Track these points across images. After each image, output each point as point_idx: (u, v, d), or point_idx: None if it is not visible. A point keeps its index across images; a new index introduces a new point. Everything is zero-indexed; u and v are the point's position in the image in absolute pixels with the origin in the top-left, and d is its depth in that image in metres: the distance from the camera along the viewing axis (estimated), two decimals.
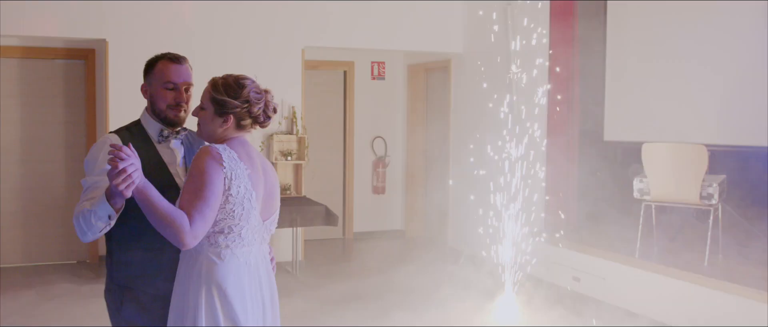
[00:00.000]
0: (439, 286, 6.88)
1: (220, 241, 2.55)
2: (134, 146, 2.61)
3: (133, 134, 2.77)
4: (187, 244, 2.41)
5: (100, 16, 6.98)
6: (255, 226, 2.61)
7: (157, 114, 2.78)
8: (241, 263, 2.59)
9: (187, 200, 2.45)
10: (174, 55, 2.82)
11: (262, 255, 2.70)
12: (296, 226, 7.15)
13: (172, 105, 2.76)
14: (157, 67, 2.78)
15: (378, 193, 9.54)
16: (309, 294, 6.65)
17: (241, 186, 2.52)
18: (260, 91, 2.63)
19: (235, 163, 2.53)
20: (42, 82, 7.65)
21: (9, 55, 7.48)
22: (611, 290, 6.22)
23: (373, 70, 9.49)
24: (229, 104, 2.57)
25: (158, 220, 2.37)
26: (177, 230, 2.37)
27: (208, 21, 7.37)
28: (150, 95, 2.80)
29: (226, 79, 2.62)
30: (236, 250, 2.58)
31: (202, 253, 2.56)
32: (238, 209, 2.53)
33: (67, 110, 7.73)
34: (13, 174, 7.58)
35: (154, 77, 2.78)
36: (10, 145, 7.56)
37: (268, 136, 7.67)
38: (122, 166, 2.26)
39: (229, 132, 2.62)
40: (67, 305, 6.26)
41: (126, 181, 2.28)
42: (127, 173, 2.28)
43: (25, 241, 7.67)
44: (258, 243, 2.66)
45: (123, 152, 2.28)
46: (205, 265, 2.55)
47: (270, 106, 2.64)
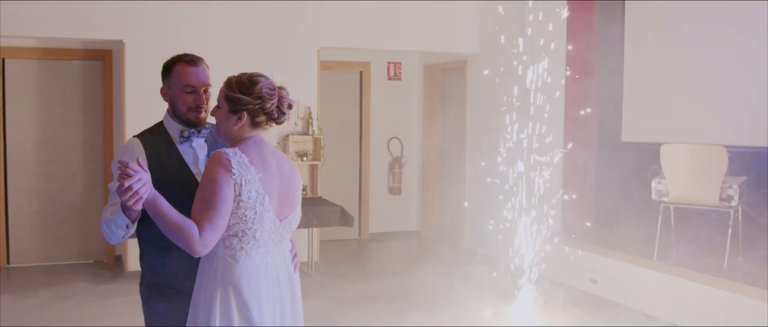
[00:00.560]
0: (455, 286, 6.84)
1: (234, 243, 2.57)
2: (156, 148, 2.72)
3: (155, 136, 2.81)
4: (198, 253, 2.45)
5: (117, 18, 7.01)
6: (270, 227, 2.61)
7: (179, 116, 2.81)
8: (257, 264, 2.60)
9: (197, 209, 2.48)
10: (191, 57, 2.83)
11: (281, 253, 2.70)
12: (312, 226, 7.14)
13: (192, 107, 2.79)
14: (175, 70, 2.80)
15: (394, 193, 9.52)
16: (325, 294, 6.64)
17: (251, 191, 2.53)
18: (274, 88, 2.62)
19: (246, 168, 2.53)
20: (60, 83, 7.70)
21: (28, 56, 7.54)
22: (629, 293, 6.16)
23: (389, 71, 9.47)
24: (241, 101, 2.58)
25: (169, 230, 2.42)
26: (187, 240, 2.42)
27: (224, 22, 7.38)
28: (170, 98, 2.82)
29: (239, 77, 2.64)
30: (251, 252, 2.59)
31: (218, 254, 2.59)
32: (250, 213, 2.54)
33: (85, 111, 7.78)
34: (31, 174, 7.63)
35: (172, 80, 2.80)
36: (28, 145, 7.61)
37: (283, 136, 7.68)
38: (128, 184, 2.31)
39: (245, 130, 2.63)
40: (84, 304, 6.29)
41: (133, 197, 2.34)
42: (134, 190, 2.33)
43: (42, 241, 7.72)
44: (275, 242, 2.67)
45: (130, 168, 2.33)
46: (221, 266, 2.58)
47: (284, 103, 2.63)
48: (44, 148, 7.65)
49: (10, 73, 7.52)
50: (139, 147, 2.73)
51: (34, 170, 7.63)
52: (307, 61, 7.72)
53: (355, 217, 7.57)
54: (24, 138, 7.59)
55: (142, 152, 2.72)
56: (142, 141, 2.77)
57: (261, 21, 7.52)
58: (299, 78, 7.68)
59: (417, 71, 9.61)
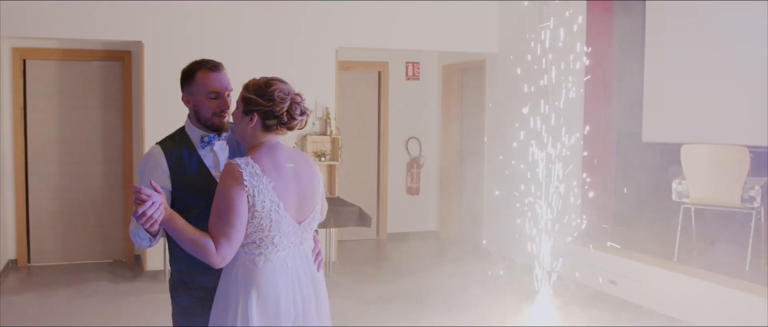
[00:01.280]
0: (473, 287, 6.83)
1: (253, 250, 2.62)
2: (179, 155, 2.76)
3: (176, 142, 2.85)
4: (217, 266, 2.54)
5: (136, 19, 7.05)
6: (288, 231, 2.64)
7: (203, 122, 2.84)
8: (277, 267, 2.64)
9: (213, 224, 2.55)
10: (213, 63, 2.85)
11: (302, 255, 2.72)
12: (329, 227, 7.14)
13: (217, 112, 2.82)
14: (198, 76, 2.82)
15: (412, 194, 9.51)
16: (342, 294, 6.64)
17: (265, 200, 2.56)
18: (287, 93, 2.62)
19: (258, 178, 2.56)
20: (80, 84, 7.76)
21: (48, 57, 7.61)
22: (648, 294, 6.11)
23: (408, 71, 9.46)
24: (253, 102, 2.61)
25: (187, 245, 2.52)
26: (205, 254, 2.52)
27: (242, 23, 7.40)
28: (193, 104, 2.84)
29: (257, 80, 2.67)
30: (271, 256, 2.63)
31: (239, 259, 2.64)
32: (266, 222, 2.58)
33: (105, 111, 7.84)
34: (52, 174, 7.70)
35: (195, 87, 2.82)
36: (49, 145, 7.68)
37: (301, 137, 7.68)
38: (142, 210, 2.40)
39: (257, 133, 2.65)
40: (103, 303, 6.34)
41: (148, 221, 2.43)
42: (148, 215, 2.41)
43: (63, 240, 7.79)
44: (295, 245, 2.69)
45: (143, 194, 2.40)
46: (241, 271, 2.63)
47: (296, 109, 2.63)
48: (64, 148, 7.71)
49: (31, 74, 7.60)
50: (160, 155, 2.78)
51: (55, 170, 7.70)
52: (325, 62, 7.72)
53: (372, 218, 7.56)
54: (45, 138, 7.66)
55: (163, 160, 2.77)
56: (163, 148, 2.81)
57: (279, 22, 7.53)
58: (317, 78, 7.69)
59: (435, 71, 9.58)
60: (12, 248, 7.61)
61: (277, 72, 7.91)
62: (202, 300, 2.80)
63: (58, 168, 7.71)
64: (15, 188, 7.54)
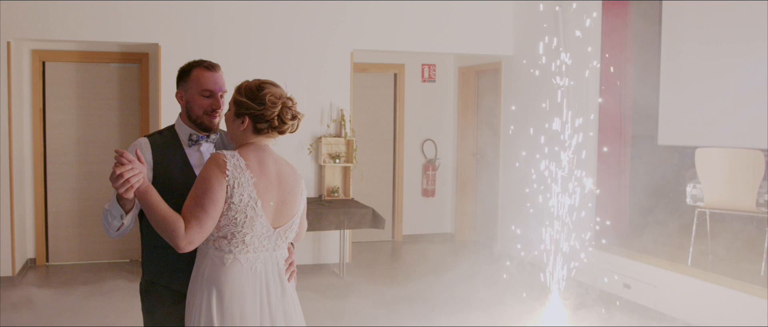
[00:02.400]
0: (487, 289, 6.83)
1: (223, 245, 2.60)
2: (165, 149, 2.78)
3: (164, 137, 2.88)
4: (182, 248, 2.50)
5: (152, 22, 7.13)
6: (262, 233, 2.63)
7: (194, 120, 2.86)
8: (245, 269, 2.62)
9: (187, 206, 2.54)
10: (209, 63, 2.88)
11: (274, 262, 2.70)
12: (343, 228, 7.17)
13: (207, 111, 2.84)
14: (193, 74, 2.85)
15: (428, 196, 9.51)
16: (354, 295, 6.67)
17: (244, 194, 2.55)
18: (278, 97, 2.62)
19: (240, 171, 2.56)
20: (98, 85, 7.85)
21: (67, 59, 7.71)
22: (663, 298, 6.06)
23: (424, 73, 9.47)
24: (244, 105, 2.62)
25: (157, 222, 2.50)
26: (172, 234, 2.48)
27: (257, 25, 7.45)
28: (186, 101, 2.88)
29: (249, 83, 2.67)
30: (240, 256, 2.61)
31: (208, 255, 2.63)
32: (241, 217, 2.56)
33: (122, 112, 7.93)
34: (70, 174, 7.80)
35: (190, 84, 2.86)
36: (67, 146, 7.78)
37: (316, 138, 7.71)
38: (120, 172, 2.41)
39: (248, 135, 2.66)
40: (116, 301, 6.43)
41: (124, 185, 2.45)
42: (125, 178, 2.42)
43: (80, 240, 7.88)
44: (269, 250, 2.68)
45: (124, 157, 2.43)
46: (209, 268, 2.62)
47: (287, 113, 2.63)
48: (82, 148, 7.81)
49: (50, 76, 7.70)
50: (146, 146, 2.80)
51: (73, 171, 7.80)
52: (340, 64, 7.75)
53: (386, 220, 7.57)
54: (63, 139, 7.76)
55: (148, 151, 2.79)
56: (150, 141, 2.83)
57: (294, 24, 7.57)
58: (332, 80, 7.72)
59: (451, 73, 9.58)
60: (31, 247, 7.72)
61: (292, 74, 7.99)
62: (167, 303, 2.79)
63: (76, 168, 7.80)
64: (34, 188, 7.65)
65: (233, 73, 3.44)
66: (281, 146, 7.24)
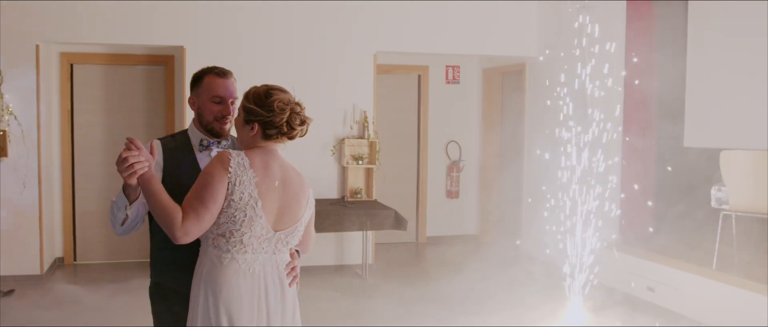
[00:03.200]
0: (509, 290, 6.81)
1: (221, 244, 2.62)
2: (176, 152, 2.84)
3: (177, 141, 2.93)
4: (178, 239, 2.53)
5: (178, 25, 7.23)
6: (261, 234, 2.64)
7: (205, 125, 2.92)
8: (243, 269, 2.63)
9: (187, 198, 2.57)
10: (220, 69, 2.93)
11: (273, 264, 2.71)
12: (366, 229, 7.19)
13: (218, 117, 2.89)
14: (205, 81, 2.90)
15: (452, 197, 9.50)
16: (377, 296, 6.69)
17: (244, 193, 2.57)
18: (286, 103, 2.64)
19: (243, 169, 2.59)
20: (124, 88, 7.97)
21: (94, 61, 7.83)
22: (687, 302, 6.00)
23: (448, 74, 9.46)
24: (253, 112, 2.64)
25: (156, 211, 2.54)
26: (169, 224, 2.52)
27: (281, 27, 7.51)
28: (197, 107, 2.93)
29: (257, 89, 2.68)
30: (237, 256, 2.63)
31: (207, 254, 2.66)
32: (240, 215, 2.58)
33: (148, 114, 8.03)
34: (96, 175, 7.92)
35: (201, 90, 2.91)
36: (95, 147, 7.91)
37: (339, 140, 7.75)
38: (125, 156, 2.49)
39: (257, 141, 2.68)
40: (142, 299, 6.47)
41: (128, 170, 2.50)
42: (130, 163, 2.49)
43: (107, 239, 8.01)
44: (268, 252, 2.69)
45: (134, 144, 2.52)
46: (207, 267, 2.65)
47: (296, 119, 2.65)
48: (109, 149, 7.93)
49: (78, 78, 7.83)
50: (158, 149, 2.85)
51: (100, 171, 7.92)
52: (363, 66, 7.78)
53: (408, 221, 7.58)
54: (91, 140, 7.89)
55: (160, 154, 2.84)
56: (162, 143, 2.89)
57: (318, 26, 7.62)
58: (355, 82, 7.75)
59: (476, 75, 9.56)
60: (59, 246, 7.86)
61: (315, 76, 8.02)
62: (173, 304, 2.82)
63: (104, 169, 7.92)
64: (62, 188, 7.79)
65: (256, 76, 3.49)
66: (303, 148, 7.33)
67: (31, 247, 7.09)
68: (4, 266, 7.02)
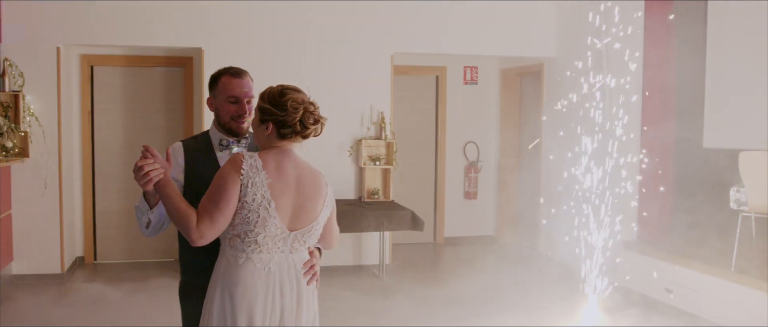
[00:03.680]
0: (526, 292, 6.79)
1: (237, 244, 2.67)
2: (197, 153, 2.90)
3: (198, 142, 2.99)
4: (194, 241, 2.59)
5: (196, 27, 7.29)
6: (275, 234, 2.67)
7: (223, 125, 2.97)
8: (258, 269, 2.67)
9: (202, 201, 2.63)
10: (235, 69, 2.97)
11: (289, 264, 2.73)
12: (383, 230, 7.20)
13: (234, 116, 2.93)
14: (221, 81, 2.96)
15: (470, 198, 9.48)
16: (392, 296, 6.71)
17: (257, 194, 2.61)
18: (300, 102, 2.66)
19: (256, 171, 2.62)
20: (144, 89, 8.05)
21: (114, 63, 7.92)
22: (705, 304, 5.95)
23: (466, 75, 9.45)
24: (267, 111, 2.68)
25: (172, 215, 2.62)
26: (185, 227, 2.59)
27: (298, 29, 7.54)
28: (215, 108, 2.98)
29: (272, 89, 2.72)
30: (253, 256, 2.66)
31: (225, 253, 2.71)
32: (253, 216, 2.62)
33: (167, 115, 8.11)
34: (116, 176, 8.01)
35: (218, 91, 2.96)
36: (114, 148, 7.99)
37: (356, 141, 7.77)
38: (140, 164, 2.58)
39: (273, 140, 2.72)
40: (161, 297, 6.63)
41: (144, 178, 2.59)
42: (145, 171, 2.57)
43: (127, 239, 8.09)
44: (284, 252, 2.72)
45: (149, 152, 2.59)
46: (223, 266, 2.70)
47: (309, 118, 2.68)
48: (129, 150, 8.01)
49: (98, 80, 7.92)
50: (179, 150, 2.93)
51: (120, 172, 8.00)
52: (380, 67, 7.80)
53: (425, 222, 7.57)
54: (110, 141, 7.98)
55: (181, 154, 2.91)
56: (184, 145, 2.95)
57: (335, 27, 7.64)
58: (372, 83, 7.77)
59: (494, 75, 9.54)
60: (79, 246, 7.95)
61: (332, 77, 8.05)
62: (198, 299, 2.86)
63: (123, 170, 8.00)
64: (82, 189, 7.89)
65: (274, 77, 3.52)
66: (320, 148, 7.35)
67: (52, 247, 7.18)
68: (26, 265, 7.12)
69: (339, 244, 3.00)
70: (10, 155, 6.78)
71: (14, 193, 7.04)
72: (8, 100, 6.85)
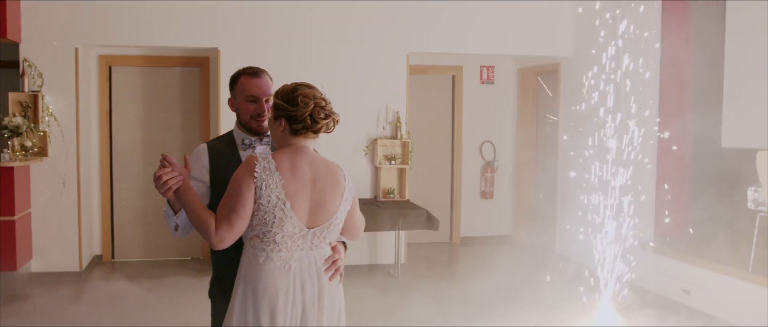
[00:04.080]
0: (542, 291, 6.77)
1: (257, 244, 2.70)
2: (221, 154, 2.95)
3: (222, 142, 3.04)
4: (215, 246, 2.65)
5: (213, 26, 7.34)
6: (293, 232, 2.69)
7: (244, 124, 3.01)
8: (278, 267, 2.69)
9: (220, 206, 2.67)
10: (253, 69, 3.01)
11: (310, 261, 2.75)
12: (398, 229, 7.21)
13: (254, 115, 2.97)
14: (240, 81, 3.00)
15: (486, 197, 9.46)
16: (407, 295, 6.71)
17: (271, 196, 2.63)
18: (311, 97, 2.68)
19: (269, 173, 2.64)
20: (161, 89, 8.12)
21: (132, 63, 7.99)
22: (722, 305, 5.90)
23: (482, 75, 9.43)
24: (280, 107, 2.71)
25: (193, 221, 2.68)
26: (205, 232, 2.64)
27: (314, 29, 7.57)
28: (236, 108, 3.03)
29: (286, 86, 2.74)
30: (272, 254, 2.69)
31: (246, 253, 2.75)
32: (270, 217, 2.64)
33: (184, 115, 8.16)
34: (135, 175, 8.08)
35: (237, 91, 3.00)
36: (132, 147, 8.06)
37: (372, 140, 7.78)
38: (158, 174, 2.62)
39: (287, 137, 2.74)
40: (175, 295, 6.72)
41: (163, 187, 2.64)
42: (163, 180, 2.62)
43: (144, 237, 8.16)
44: (304, 249, 2.73)
45: (166, 160, 2.63)
46: (245, 265, 2.74)
47: (320, 112, 2.69)
48: (146, 150, 8.08)
49: (116, 80, 8.00)
50: (204, 152, 2.97)
51: (138, 171, 8.07)
52: (395, 66, 7.80)
53: (443, 222, 7.57)
54: (128, 140, 8.05)
55: (205, 156, 2.95)
56: (209, 146, 3.00)
57: (351, 27, 7.66)
58: (388, 82, 7.78)
59: (510, 75, 9.51)
60: (98, 244, 8.03)
61: (347, 76, 8.07)
62: (228, 296, 2.89)
63: (141, 169, 8.07)
64: (100, 187, 7.96)
65: (290, 76, 3.55)
66: (336, 148, 7.37)
67: (71, 245, 7.26)
68: (45, 263, 7.20)
69: (362, 234, 3.01)
70: (29, 154, 6.87)
71: (33, 192, 7.13)
72: (27, 100, 6.94)
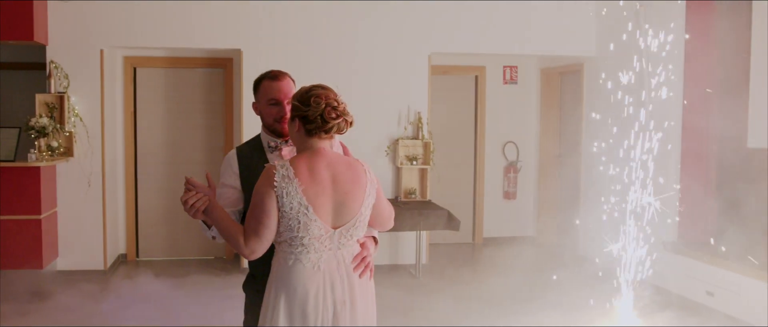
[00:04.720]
0: (563, 292, 6.73)
1: (285, 248, 2.75)
2: (249, 158, 3.03)
3: (250, 146, 3.11)
4: (246, 257, 2.74)
5: (236, 28, 7.41)
6: (320, 234, 2.72)
7: (268, 128, 3.07)
8: (307, 268, 2.73)
9: (246, 219, 2.74)
10: (275, 73, 3.07)
11: (338, 260, 2.78)
12: (419, 229, 7.21)
13: (277, 118, 3.02)
14: (262, 86, 3.06)
15: (509, 198, 9.43)
16: (427, 295, 6.72)
17: (293, 202, 2.67)
18: (323, 97, 2.70)
19: (288, 181, 2.67)
20: (185, 90, 8.21)
21: (156, 65, 8.08)
22: (747, 307, 5.82)
23: (505, 75, 9.40)
24: (295, 108, 2.75)
25: (223, 235, 2.76)
26: (235, 245, 2.72)
27: (336, 29, 7.60)
28: (259, 111, 3.09)
29: (303, 88, 2.78)
30: (301, 257, 2.73)
31: (276, 256, 2.80)
32: (294, 223, 2.68)
33: (207, 116, 8.25)
34: (158, 175, 8.17)
35: (260, 95, 3.07)
36: (156, 147, 8.16)
37: (393, 140, 7.79)
38: (184, 199, 2.68)
39: (303, 138, 2.77)
40: (199, 294, 6.78)
41: (191, 210, 2.70)
42: (189, 204, 2.68)
43: (168, 237, 8.25)
44: (331, 249, 2.76)
45: (190, 184, 2.70)
46: (276, 269, 2.78)
47: (331, 112, 2.71)
48: (170, 150, 8.17)
49: (141, 81, 8.10)
50: (233, 157, 3.06)
51: (162, 171, 8.17)
52: (417, 67, 7.81)
53: (461, 222, 7.55)
54: (152, 141, 8.15)
55: (234, 162, 3.03)
56: (238, 151, 3.08)
57: (373, 27, 7.68)
58: (409, 83, 7.79)
59: (533, 75, 9.47)
60: (122, 243, 8.14)
61: (369, 77, 8.11)
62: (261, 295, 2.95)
63: (165, 169, 8.17)
64: (125, 187, 8.07)
65: (311, 77, 3.58)
66: (357, 148, 7.34)
67: (96, 243, 7.37)
68: (70, 261, 7.32)
69: (392, 222, 3.04)
70: (55, 155, 6.99)
71: (59, 192, 7.25)
72: (54, 101, 7.05)
